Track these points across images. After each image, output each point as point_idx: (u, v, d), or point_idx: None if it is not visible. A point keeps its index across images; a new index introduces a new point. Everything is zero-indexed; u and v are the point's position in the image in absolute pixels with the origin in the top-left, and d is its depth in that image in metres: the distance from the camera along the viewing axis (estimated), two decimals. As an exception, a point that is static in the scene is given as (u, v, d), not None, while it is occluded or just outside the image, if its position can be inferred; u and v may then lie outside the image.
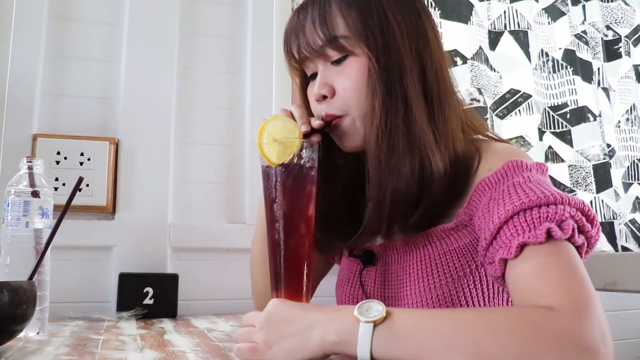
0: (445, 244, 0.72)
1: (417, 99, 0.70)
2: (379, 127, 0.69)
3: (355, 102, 0.72)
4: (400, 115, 0.69)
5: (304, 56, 0.75)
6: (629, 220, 1.60)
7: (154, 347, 0.68)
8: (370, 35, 0.70)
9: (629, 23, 1.73)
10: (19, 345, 0.68)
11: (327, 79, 0.74)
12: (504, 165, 0.67)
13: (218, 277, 1.18)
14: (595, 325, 0.48)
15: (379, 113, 0.69)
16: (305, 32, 0.74)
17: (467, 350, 0.48)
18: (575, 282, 0.53)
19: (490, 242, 0.61)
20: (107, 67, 1.19)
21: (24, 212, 0.77)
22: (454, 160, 0.70)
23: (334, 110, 0.73)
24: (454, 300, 0.69)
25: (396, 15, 0.72)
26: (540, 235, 0.56)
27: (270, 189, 0.68)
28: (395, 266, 0.76)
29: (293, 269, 0.67)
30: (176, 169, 1.20)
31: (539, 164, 0.69)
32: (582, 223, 0.59)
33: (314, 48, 0.73)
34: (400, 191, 0.68)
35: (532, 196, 0.59)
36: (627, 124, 1.67)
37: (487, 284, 0.70)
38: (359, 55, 0.71)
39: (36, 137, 1.10)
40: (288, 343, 0.55)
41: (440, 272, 0.71)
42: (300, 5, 0.77)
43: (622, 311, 1.57)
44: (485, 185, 0.67)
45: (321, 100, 0.74)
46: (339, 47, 0.72)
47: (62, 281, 0.93)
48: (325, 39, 0.72)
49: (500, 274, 0.59)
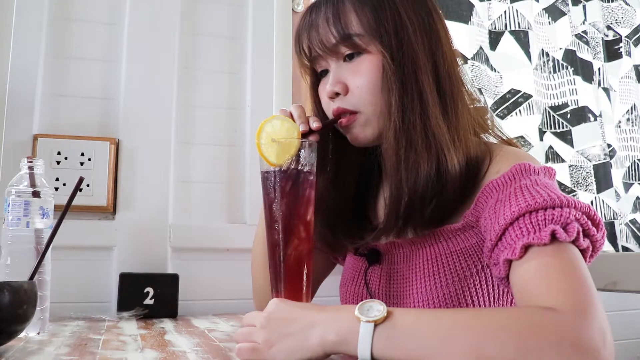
0: (451, 244, 0.72)
1: (432, 96, 0.71)
2: (396, 123, 0.70)
3: (369, 99, 0.72)
4: (417, 112, 0.70)
5: (316, 54, 0.76)
6: (629, 220, 1.60)
7: (155, 347, 0.68)
8: (384, 33, 0.71)
9: (629, 23, 1.73)
10: (20, 345, 0.68)
11: (340, 77, 0.74)
12: (511, 168, 0.67)
13: (218, 277, 1.18)
14: (596, 326, 0.49)
15: (395, 110, 0.70)
16: (318, 29, 0.74)
17: (467, 350, 0.48)
18: (576, 284, 0.53)
19: (496, 243, 0.61)
20: (107, 67, 1.19)
21: (24, 212, 0.77)
22: (467, 160, 0.71)
23: (346, 105, 0.74)
24: (460, 300, 0.70)
25: (409, 13, 0.72)
26: (545, 236, 0.56)
27: (269, 189, 0.69)
28: (401, 265, 0.77)
29: (293, 269, 0.67)
30: (176, 169, 1.20)
31: (546, 168, 0.69)
32: (588, 227, 0.60)
33: (327, 45, 0.73)
34: (418, 188, 0.69)
35: (538, 198, 0.60)
36: (628, 124, 1.67)
37: (493, 285, 0.70)
38: (373, 53, 0.72)
39: (37, 137, 1.10)
40: (288, 343, 0.55)
41: (446, 271, 0.71)
42: (312, 4, 0.78)
43: (623, 311, 1.57)
44: (492, 187, 0.68)
45: (334, 97, 0.75)
46: (353, 44, 0.72)
47: (63, 281, 0.93)
48: (339, 36, 0.72)
49: (505, 274, 0.59)
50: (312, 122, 0.73)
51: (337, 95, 0.74)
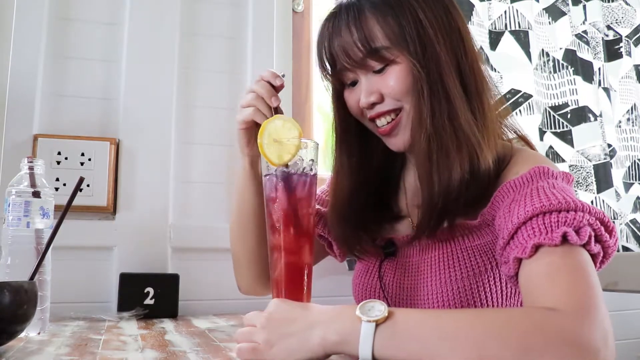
0: (467, 240, 0.73)
1: (458, 96, 0.72)
2: (427, 128, 0.70)
3: (405, 99, 0.73)
4: (445, 114, 0.70)
5: (342, 67, 0.76)
6: (629, 220, 1.60)
7: (155, 347, 0.68)
8: (409, 42, 0.71)
9: (629, 23, 1.73)
10: (20, 345, 0.68)
11: (373, 87, 0.75)
12: (530, 170, 0.68)
13: (219, 277, 1.18)
14: (597, 327, 0.49)
15: (427, 115, 0.70)
16: (343, 43, 0.74)
17: (469, 350, 0.48)
18: (581, 285, 0.53)
19: (508, 242, 0.61)
20: (107, 67, 1.19)
21: (24, 212, 0.77)
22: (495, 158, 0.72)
23: (387, 107, 0.74)
24: (473, 295, 0.70)
25: (427, 14, 0.73)
26: (557, 238, 0.56)
27: (270, 190, 0.69)
28: (416, 258, 0.77)
29: (293, 269, 0.67)
30: (177, 169, 1.20)
31: (565, 173, 0.69)
32: (600, 232, 0.60)
33: (355, 60, 0.74)
34: (452, 190, 0.69)
35: (553, 200, 0.60)
36: (628, 124, 1.67)
37: (506, 283, 0.71)
38: (401, 63, 0.72)
39: (37, 137, 1.10)
40: (289, 343, 0.55)
41: (462, 266, 0.72)
42: (330, 14, 0.77)
43: (624, 311, 1.57)
44: (509, 187, 0.68)
45: (371, 108, 0.75)
46: (381, 58, 0.73)
47: (63, 281, 0.93)
48: (366, 51, 0.73)
49: (514, 272, 0.60)
50: (274, 100, 0.75)
51: (373, 106, 0.75)
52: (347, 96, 0.80)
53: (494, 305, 0.70)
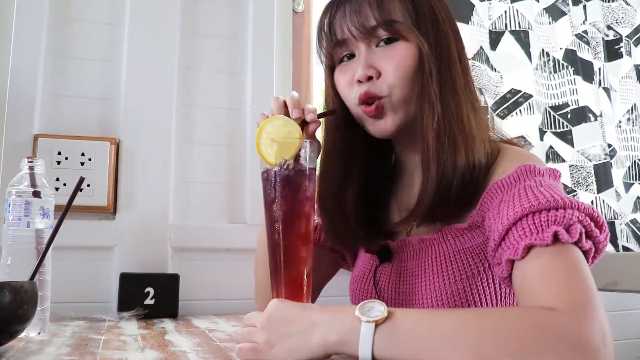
0: (459, 242, 0.73)
1: (462, 88, 0.73)
2: (437, 111, 0.71)
3: (400, 83, 0.73)
4: (454, 102, 0.72)
5: (349, 35, 0.75)
6: (629, 220, 1.60)
7: (155, 347, 0.68)
8: (422, 24, 0.73)
9: (629, 23, 1.73)
10: (20, 345, 0.68)
11: (372, 61, 0.74)
12: (516, 169, 0.68)
13: (219, 277, 1.18)
14: (596, 326, 0.49)
15: (435, 98, 0.71)
16: (359, 11, 0.74)
17: (468, 350, 0.48)
18: (577, 284, 0.53)
19: (499, 243, 0.61)
20: (108, 67, 1.19)
21: (25, 212, 0.77)
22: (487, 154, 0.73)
23: (376, 90, 0.74)
24: (467, 298, 0.70)
25: (439, 9, 0.76)
26: (547, 237, 0.56)
27: (269, 189, 0.69)
28: (411, 262, 0.77)
29: (293, 269, 0.67)
30: (177, 169, 1.20)
31: (551, 170, 0.69)
32: (591, 228, 0.60)
33: (367, 27, 0.74)
34: (456, 175, 0.70)
35: (541, 199, 0.60)
36: (628, 124, 1.67)
37: (499, 284, 0.71)
38: (410, 41, 0.73)
39: (37, 137, 1.10)
40: (289, 343, 0.55)
41: (455, 269, 0.72)
42: None
43: (623, 311, 1.57)
44: (497, 188, 0.68)
45: (365, 82, 0.74)
46: (394, 30, 0.73)
47: (63, 281, 0.93)
48: (381, 20, 0.73)
49: (507, 274, 0.60)
50: (308, 113, 0.73)
51: (369, 80, 0.74)
52: (338, 75, 0.79)
53: (489, 307, 0.70)
